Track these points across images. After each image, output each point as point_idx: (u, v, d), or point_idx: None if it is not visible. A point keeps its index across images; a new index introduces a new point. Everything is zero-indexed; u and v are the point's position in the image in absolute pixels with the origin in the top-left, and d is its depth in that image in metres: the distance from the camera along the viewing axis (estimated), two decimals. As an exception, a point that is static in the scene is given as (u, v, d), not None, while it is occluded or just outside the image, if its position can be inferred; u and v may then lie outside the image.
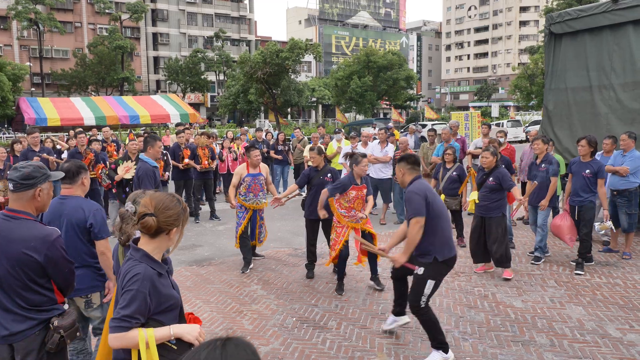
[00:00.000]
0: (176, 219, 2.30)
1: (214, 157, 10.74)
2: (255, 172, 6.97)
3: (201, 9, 61.32)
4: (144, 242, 2.32)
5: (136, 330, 2.18)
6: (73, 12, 52.54)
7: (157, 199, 2.29)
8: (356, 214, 5.96)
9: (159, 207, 2.26)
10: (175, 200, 2.33)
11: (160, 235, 2.30)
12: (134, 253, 2.30)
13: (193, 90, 52.20)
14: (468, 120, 15.61)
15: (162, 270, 2.32)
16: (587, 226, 6.64)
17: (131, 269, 2.22)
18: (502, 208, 6.45)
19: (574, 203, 6.78)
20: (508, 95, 65.09)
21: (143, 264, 2.24)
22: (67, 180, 3.57)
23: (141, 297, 2.17)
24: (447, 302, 5.65)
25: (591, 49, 8.87)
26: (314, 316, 5.32)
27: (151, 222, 2.23)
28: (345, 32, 77.32)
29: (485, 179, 6.50)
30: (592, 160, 6.69)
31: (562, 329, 4.88)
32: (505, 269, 6.42)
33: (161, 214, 2.25)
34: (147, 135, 6.25)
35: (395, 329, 4.87)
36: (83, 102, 19.65)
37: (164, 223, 2.26)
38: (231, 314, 5.43)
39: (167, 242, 2.34)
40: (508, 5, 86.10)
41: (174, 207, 2.29)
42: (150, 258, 2.29)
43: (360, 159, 5.95)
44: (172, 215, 2.28)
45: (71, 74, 44.21)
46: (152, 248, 2.31)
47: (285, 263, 7.31)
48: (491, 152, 6.47)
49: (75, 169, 3.60)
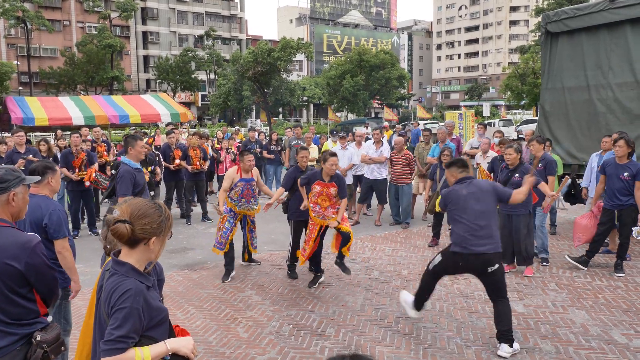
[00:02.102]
0: (155, 228, 2.11)
1: (205, 157, 10.54)
2: (248, 177, 6.73)
3: (191, 7, 60.89)
4: (126, 254, 2.13)
5: (132, 351, 2.00)
6: (61, 10, 51.93)
7: (134, 206, 2.10)
8: (320, 210, 6.05)
9: (135, 214, 2.08)
10: (156, 207, 2.14)
11: (139, 246, 2.11)
12: (118, 267, 2.10)
13: (183, 90, 51.74)
14: (462, 120, 15.52)
15: (149, 283, 2.15)
16: (627, 229, 6.45)
17: (119, 285, 2.03)
18: (528, 205, 6.35)
19: (612, 207, 6.50)
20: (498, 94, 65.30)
21: (131, 278, 2.06)
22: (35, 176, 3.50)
23: (135, 315, 1.99)
24: (447, 307, 5.51)
25: (588, 48, 8.78)
26: (311, 323, 5.15)
27: (123, 229, 2.04)
28: (336, 31, 77.16)
29: (511, 176, 6.37)
30: (630, 162, 6.40)
31: (567, 334, 4.75)
32: (528, 267, 6.45)
33: (137, 221, 2.07)
34: (126, 135, 5.94)
35: (407, 312, 4.97)
36: (72, 101, 19.30)
37: (140, 231, 2.07)
38: (225, 321, 5.24)
39: (147, 253, 2.14)
40: (498, 5, 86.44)
41: (152, 215, 2.11)
42: (137, 271, 2.10)
43: (328, 157, 5.99)
44: (149, 223, 2.09)
45: (60, 72, 43.60)
46: (135, 260, 2.12)
47: (280, 267, 7.13)
48: (515, 148, 6.39)
49: (42, 169, 3.61)
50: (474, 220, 4.42)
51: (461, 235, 4.45)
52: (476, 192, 4.52)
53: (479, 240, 4.38)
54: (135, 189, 5.43)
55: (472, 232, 4.40)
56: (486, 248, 4.37)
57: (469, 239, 4.40)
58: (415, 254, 7.69)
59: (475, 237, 4.38)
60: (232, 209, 6.70)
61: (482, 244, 4.37)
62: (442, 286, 6.13)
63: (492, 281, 4.44)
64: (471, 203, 4.48)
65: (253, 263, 7.23)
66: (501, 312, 4.40)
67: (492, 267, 4.37)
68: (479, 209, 4.45)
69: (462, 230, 4.44)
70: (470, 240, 4.39)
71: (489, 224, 4.44)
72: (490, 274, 4.40)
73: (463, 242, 4.43)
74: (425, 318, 5.20)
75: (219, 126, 39.94)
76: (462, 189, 4.56)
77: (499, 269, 4.43)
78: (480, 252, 4.37)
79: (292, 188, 6.64)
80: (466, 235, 4.42)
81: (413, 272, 6.78)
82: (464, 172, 4.68)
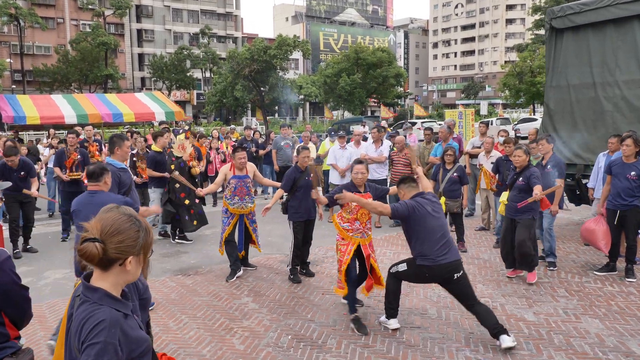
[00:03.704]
0: (132, 246, 1.77)
1: (200, 157, 10.22)
2: (242, 174, 6.54)
3: (187, 5, 60.42)
4: (98, 277, 1.79)
5: None
6: (55, 7, 51.38)
7: (106, 220, 1.77)
8: (361, 227, 5.15)
9: (107, 231, 1.74)
10: (131, 221, 1.80)
11: (114, 267, 1.77)
12: (89, 294, 1.75)
13: (179, 88, 51.37)
14: (462, 119, 15.26)
15: (127, 310, 1.80)
16: (633, 232, 6.23)
17: (91, 315, 1.69)
18: (532, 211, 6.06)
19: (616, 207, 6.29)
20: (495, 92, 65.14)
21: (105, 306, 1.72)
22: (93, 179, 4.40)
23: (111, 351, 1.64)
24: (454, 315, 5.24)
25: (594, 45, 8.51)
26: (310, 333, 4.86)
27: (92, 249, 1.71)
28: (332, 29, 76.76)
29: (516, 179, 6.15)
30: (638, 161, 6.17)
31: (582, 346, 4.49)
32: (530, 272, 6.13)
33: (110, 239, 1.74)
34: (112, 135, 5.76)
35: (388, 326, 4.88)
36: (64, 99, 18.92)
37: (114, 251, 1.74)
38: (220, 331, 4.96)
39: (124, 275, 1.80)
40: (494, 3, 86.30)
41: (128, 230, 1.77)
42: (111, 298, 1.76)
43: (354, 165, 5.38)
44: (124, 240, 1.76)
45: (53, 70, 43.14)
46: (109, 284, 1.78)
47: (277, 271, 6.84)
48: (524, 150, 6.12)
49: (99, 171, 4.40)
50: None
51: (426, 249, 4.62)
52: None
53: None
54: (121, 189, 5.18)
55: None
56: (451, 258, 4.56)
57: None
58: (417, 257, 7.41)
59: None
60: (227, 209, 6.51)
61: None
62: (446, 292, 5.86)
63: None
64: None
65: (249, 268, 6.95)
66: (482, 313, 4.52)
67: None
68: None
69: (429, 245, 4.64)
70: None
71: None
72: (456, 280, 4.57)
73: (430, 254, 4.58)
74: (431, 328, 4.93)
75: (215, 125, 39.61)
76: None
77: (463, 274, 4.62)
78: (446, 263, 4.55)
79: (291, 189, 6.40)
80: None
81: (416, 277, 6.50)
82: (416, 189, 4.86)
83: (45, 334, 4.92)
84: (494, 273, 6.59)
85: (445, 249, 4.55)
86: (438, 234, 4.57)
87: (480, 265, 6.96)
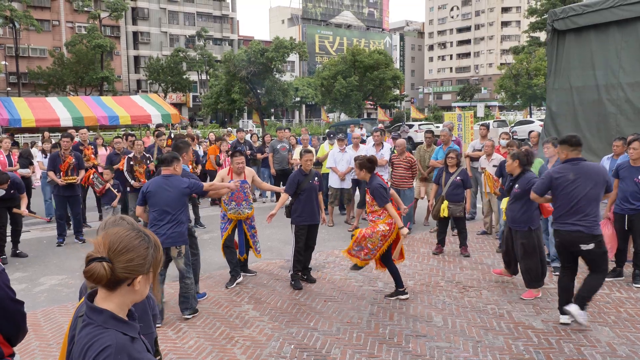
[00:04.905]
0: (140, 264, 1.63)
1: (198, 161, 10.08)
2: (239, 179, 6.41)
3: (183, 7, 60.28)
4: (104, 297, 1.64)
5: None
6: (50, 10, 51.12)
7: (114, 237, 1.63)
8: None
9: (115, 249, 1.60)
10: (140, 237, 1.66)
11: (121, 287, 1.63)
12: (94, 316, 1.61)
13: (175, 90, 51.12)
14: (461, 121, 15.16)
15: (134, 333, 1.64)
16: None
17: (96, 340, 1.55)
18: (529, 222, 5.69)
19: (623, 211, 6.16)
20: (491, 95, 65.22)
21: (111, 330, 1.57)
22: (165, 164, 5.21)
23: None
24: (461, 322, 5.11)
25: (597, 46, 8.44)
26: (314, 343, 4.73)
27: (100, 270, 1.57)
28: (328, 32, 76.74)
29: (512, 186, 5.91)
30: None
31: (593, 355, 4.36)
32: (529, 289, 5.80)
33: (118, 257, 1.60)
34: (179, 141, 6.04)
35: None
36: (60, 102, 18.70)
37: (122, 270, 1.60)
38: (221, 340, 4.81)
39: (131, 295, 1.66)
40: (490, 6, 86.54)
41: (138, 248, 1.63)
42: (118, 320, 1.62)
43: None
44: (133, 259, 1.61)
45: (48, 72, 42.87)
46: (116, 306, 1.63)
47: (278, 277, 6.71)
48: (511, 155, 5.96)
49: (170, 158, 5.21)
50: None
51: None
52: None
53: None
54: None
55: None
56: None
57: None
58: (420, 262, 7.29)
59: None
60: (225, 214, 6.41)
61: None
62: (452, 299, 5.75)
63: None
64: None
65: (249, 273, 6.81)
66: (588, 281, 4.84)
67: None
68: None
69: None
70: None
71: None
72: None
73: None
74: (437, 337, 4.80)
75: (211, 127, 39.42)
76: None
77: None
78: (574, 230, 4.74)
79: (295, 192, 6.29)
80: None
81: (419, 282, 6.38)
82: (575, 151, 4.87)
83: (40, 343, 4.77)
84: (498, 279, 6.47)
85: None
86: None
87: (484, 270, 6.84)
